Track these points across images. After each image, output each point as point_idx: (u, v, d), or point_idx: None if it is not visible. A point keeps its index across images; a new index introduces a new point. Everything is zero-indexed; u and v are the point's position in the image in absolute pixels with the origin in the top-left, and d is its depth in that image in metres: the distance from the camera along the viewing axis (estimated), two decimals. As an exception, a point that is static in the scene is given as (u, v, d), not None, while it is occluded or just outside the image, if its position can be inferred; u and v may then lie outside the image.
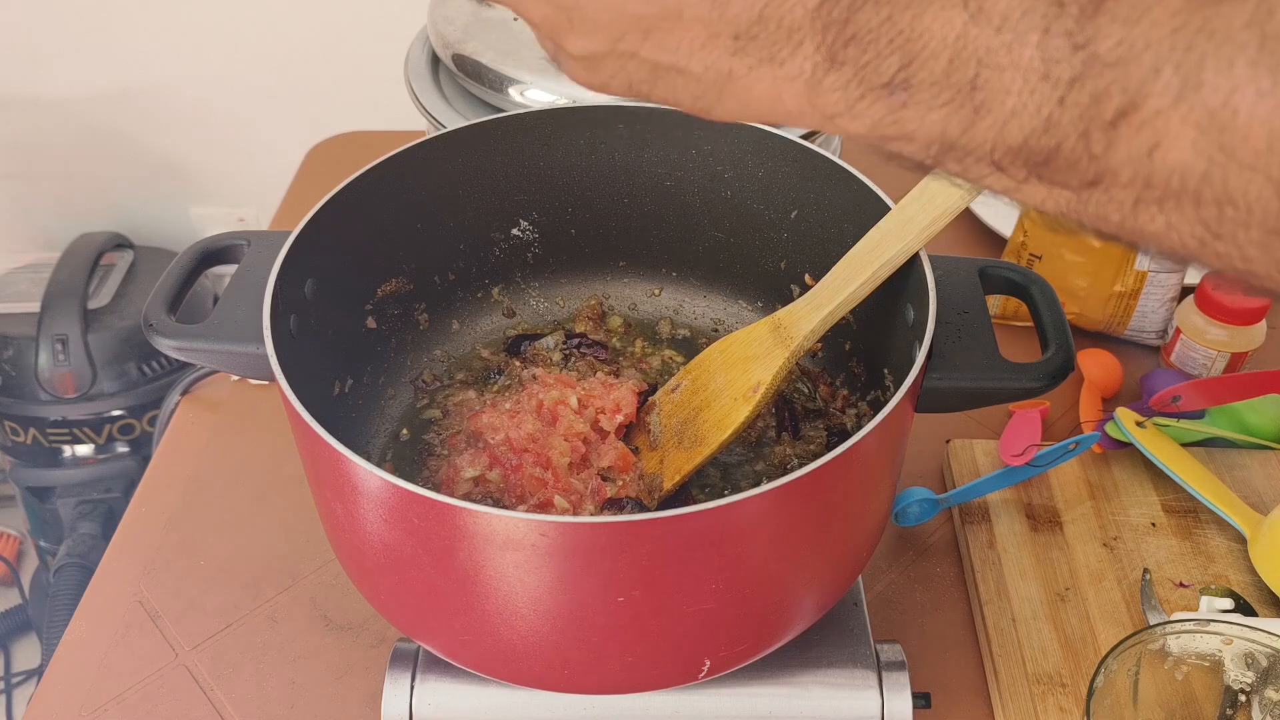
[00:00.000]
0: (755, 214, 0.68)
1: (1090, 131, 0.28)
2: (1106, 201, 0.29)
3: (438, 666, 0.57)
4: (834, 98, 0.32)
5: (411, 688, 0.57)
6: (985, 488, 0.73)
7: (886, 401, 0.47)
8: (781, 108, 0.33)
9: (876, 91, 0.31)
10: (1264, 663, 0.54)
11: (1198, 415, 0.78)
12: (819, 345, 0.69)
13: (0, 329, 1.46)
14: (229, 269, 0.59)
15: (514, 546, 0.44)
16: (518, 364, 0.70)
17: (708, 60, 0.33)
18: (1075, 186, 0.29)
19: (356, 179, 0.60)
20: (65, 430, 1.48)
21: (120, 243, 1.57)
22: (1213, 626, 0.54)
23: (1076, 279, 0.87)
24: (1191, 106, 0.26)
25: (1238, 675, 0.55)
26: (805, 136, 0.72)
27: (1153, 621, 0.66)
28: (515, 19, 0.81)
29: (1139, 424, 0.75)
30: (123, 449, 1.51)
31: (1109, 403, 0.85)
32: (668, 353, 0.72)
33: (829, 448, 0.54)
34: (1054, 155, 0.29)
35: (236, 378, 0.87)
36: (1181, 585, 0.69)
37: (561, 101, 0.74)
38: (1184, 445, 0.76)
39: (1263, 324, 0.83)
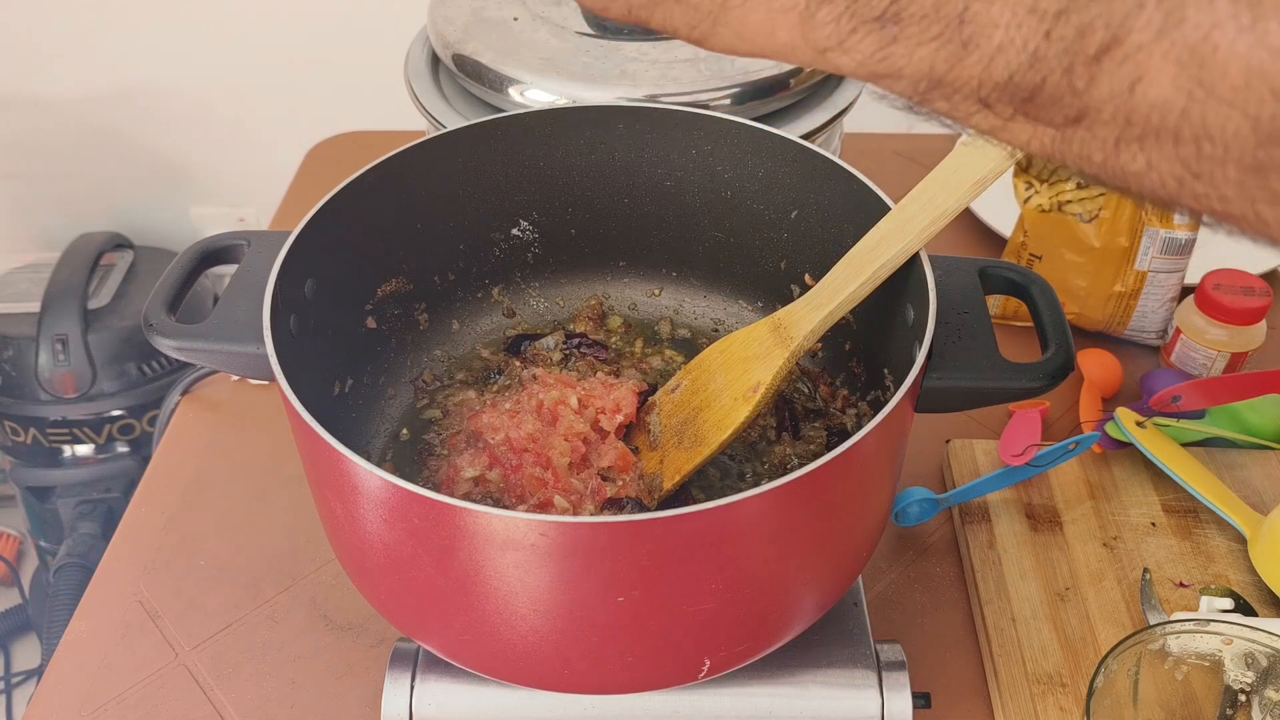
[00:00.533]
0: (755, 214, 0.68)
1: (1074, 66, 0.28)
2: (1089, 139, 0.29)
3: (438, 666, 0.57)
4: (826, 30, 0.32)
5: (411, 688, 0.57)
6: (985, 488, 0.73)
7: (886, 401, 0.47)
8: (774, 40, 0.34)
9: (869, 25, 0.31)
10: (1264, 663, 0.54)
11: (1198, 415, 0.78)
12: (819, 345, 0.69)
13: (0, 329, 1.46)
14: (229, 269, 0.59)
15: (514, 546, 0.44)
16: (518, 364, 0.70)
17: None
18: (1059, 124, 0.30)
19: (356, 179, 0.60)
20: (65, 430, 1.48)
21: (120, 243, 1.57)
22: (1213, 626, 0.54)
23: (1076, 279, 0.87)
24: (1173, 42, 0.27)
25: (1238, 675, 0.55)
26: (806, 136, 0.72)
27: (1153, 621, 0.66)
28: (515, 19, 0.81)
29: (1139, 424, 0.75)
30: (123, 449, 1.52)
31: (1109, 403, 0.85)
32: (668, 353, 0.72)
33: (829, 448, 0.54)
34: (1039, 91, 0.29)
35: (236, 378, 0.87)
36: (1181, 585, 0.69)
37: (561, 101, 0.74)
38: (1184, 445, 0.76)
39: (1263, 324, 0.83)
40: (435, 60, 0.86)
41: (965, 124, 0.32)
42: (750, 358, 0.59)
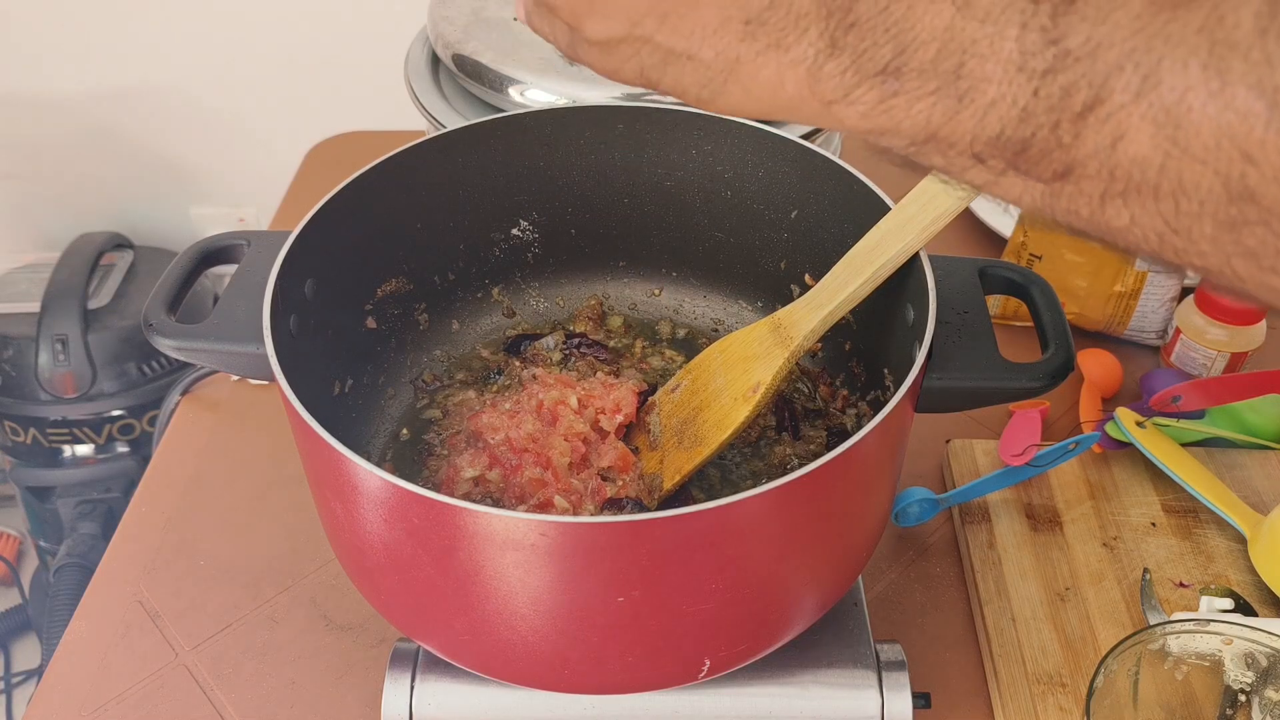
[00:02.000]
0: (755, 214, 0.68)
1: (1061, 123, 0.30)
2: (1076, 194, 0.31)
3: (438, 666, 0.57)
4: (832, 84, 0.34)
5: (411, 688, 0.57)
6: (985, 488, 0.73)
7: (886, 401, 0.47)
8: (783, 95, 0.35)
9: (872, 80, 0.33)
10: (1264, 663, 0.54)
11: (1198, 415, 0.78)
12: (819, 345, 0.69)
13: (0, 329, 1.46)
14: (229, 269, 0.59)
15: (514, 546, 0.44)
16: (518, 364, 0.70)
17: (718, 46, 0.36)
18: (1048, 178, 0.31)
19: (356, 179, 0.60)
20: (65, 430, 1.48)
21: (120, 243, 1.57)
22: (1213, 626, 0.54)
23: (1076, 279, 0.87)
24: (1150, 103, 0.28)
25: (1238, 675, 0.55)
26: (805, 136, 0.72)
27: (1153, 621, 0.66)
28: (515, 19, 0.81)
29: (1139, 424, 0.75)
30: (123, 449, 1.52)
31: (1109, 403, 0.85)
32: (668, 353, 0.72)
33: (829, 448, 0.54)
34: (1028, 145, 0.31)
35: (236, 378, 0.87)
36: (1181, 585, 0.69)
37: (561, 101, 0.74)
38: (1184, 445, 0.76)
39: (1263, 324, 0.83)
40: (435, 60, 0.86)
41: (960, 178, 0.33)
42: (750, 358, 0.59)
